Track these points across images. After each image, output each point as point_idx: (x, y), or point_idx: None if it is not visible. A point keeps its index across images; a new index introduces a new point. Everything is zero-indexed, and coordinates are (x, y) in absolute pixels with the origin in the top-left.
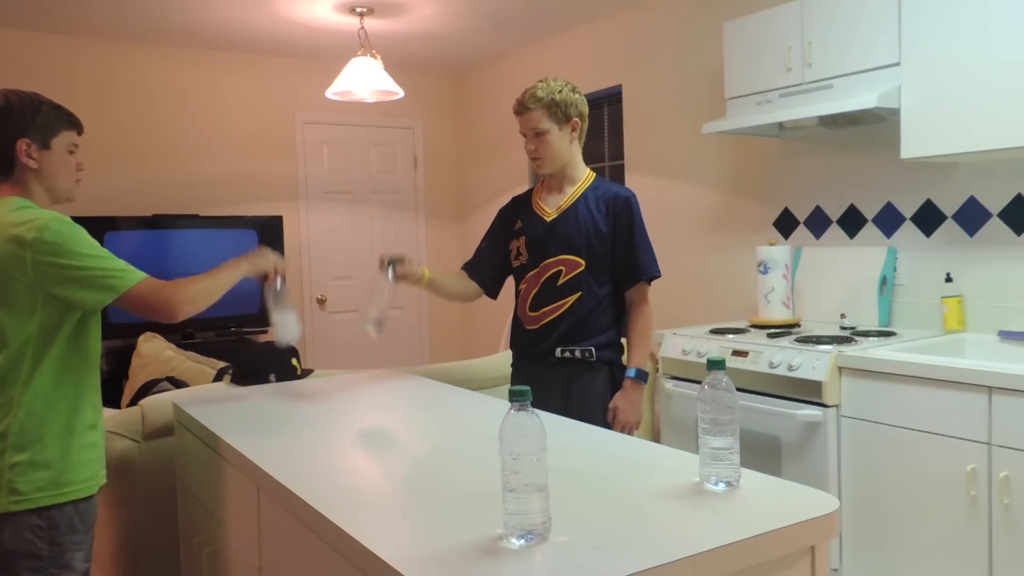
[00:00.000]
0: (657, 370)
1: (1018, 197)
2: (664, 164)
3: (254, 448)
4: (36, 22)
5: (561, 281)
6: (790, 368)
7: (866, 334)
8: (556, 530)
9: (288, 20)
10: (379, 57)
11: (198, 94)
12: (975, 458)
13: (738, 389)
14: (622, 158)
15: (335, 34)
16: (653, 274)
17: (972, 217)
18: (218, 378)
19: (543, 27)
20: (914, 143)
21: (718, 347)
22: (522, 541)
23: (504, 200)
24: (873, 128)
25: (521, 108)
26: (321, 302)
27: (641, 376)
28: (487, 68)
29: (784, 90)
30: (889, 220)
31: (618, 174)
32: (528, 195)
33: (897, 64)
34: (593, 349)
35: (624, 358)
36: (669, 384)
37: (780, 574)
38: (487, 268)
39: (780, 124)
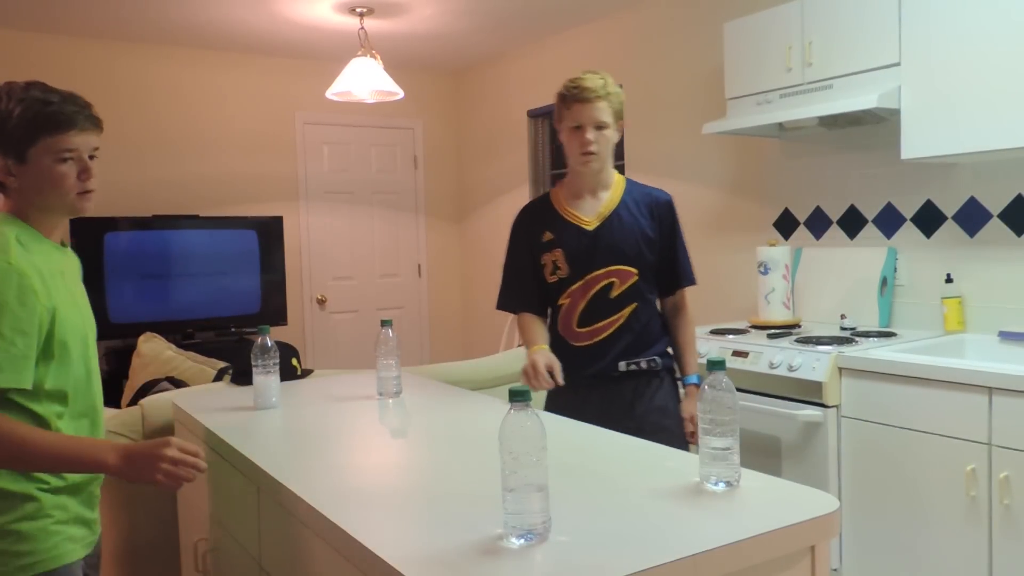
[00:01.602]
0: None
1: (1018, 197)
2: (664, 164)
3: (254, 448)
4: (36, 22)
5: (615, 293)
6: (790, 368)
7: (866, 335)
8: (556, 530)
9: (288, 20)
10: (379, 57)
11: (198, 94)
12: (975, 458)
13: (738, 389)
14: (622, 158)
15: (335, 34)
16: (694, 279)
17: (972, 218)
18: (218, 378)
19: (543, 27)
20: (914, 143)
21: (718, 347)
22: (522, 541)
23: (505, 201)
24: (873, 128)
25: (587, 96)
26: (321, 302)
27: (700, 381)
28: (487, 68)
29: (784, 90)
30: (889, 220)
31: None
32: (545, 203)
33: (897, 64)
34: (658, 358)
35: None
36: None
37: (780, 574)
38: (533, 294)
39: (780, 124)
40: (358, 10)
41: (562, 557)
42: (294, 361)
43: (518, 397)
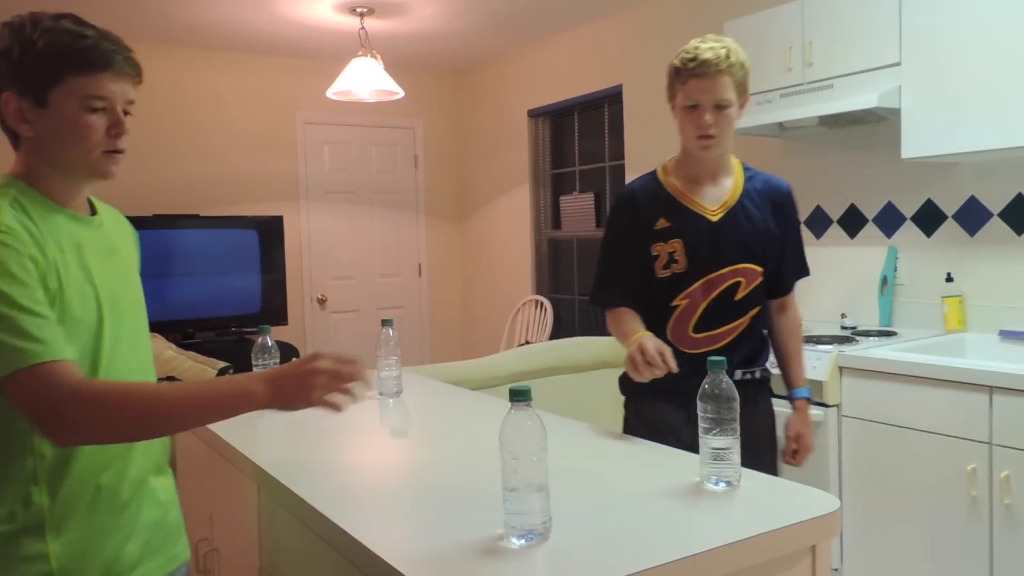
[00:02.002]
0: None
1: (1018, 197)
2: None
3: (255, 448)
4: None
5: (741, 295)
6: None
7: (867, 334)
8: (557, 530)
9: (288, 20)
10: (379, 57)
11: (199, 94)
12: (976, 458)
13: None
14: (622, 158)
15: (335, 34)
16: (808, 270)
17: (973, 217)
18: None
19: (543, 27)
20: (914, 143)
21: None
22: (522, 541)
23: (505, 200)
24: (873, 128)
25: (709, 70)
26: (321, 302)
27: (811, 396)
28: (487, 68)
29: (784, 90)
30: (890, 220)
31: (618, 174)
32: (656, 186)
33: (897, 64)
34: (767, 367)
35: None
36: None
37: (780, 574)
38: (634, 287)
39: (780, 124)
40: (358, 10)
41: (562, 557)
42: (294, 361)
43: (519, 397)
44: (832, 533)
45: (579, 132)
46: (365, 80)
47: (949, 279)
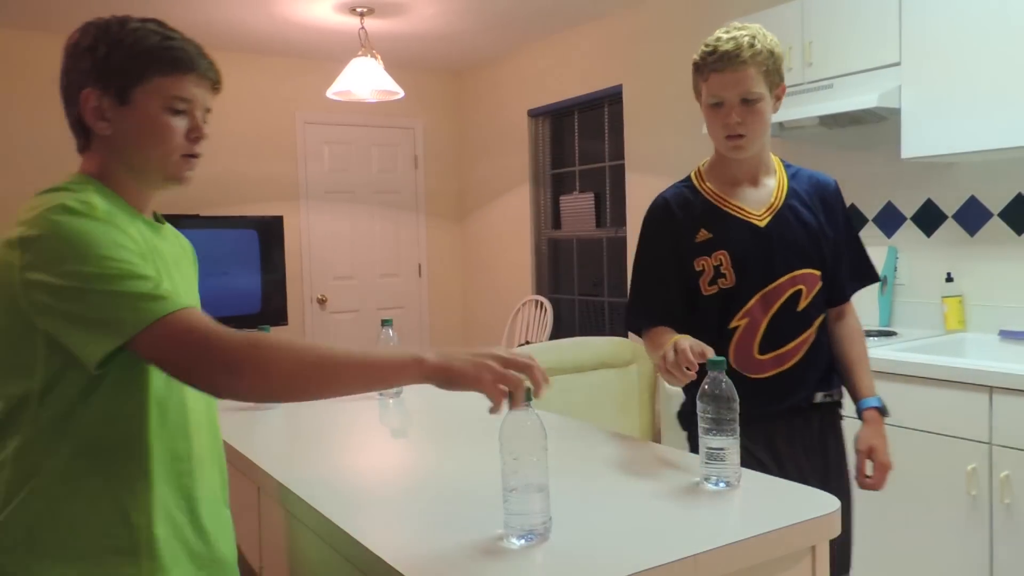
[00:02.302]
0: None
1: (1018, 197)
2: (665, 164)
3: (254, 448)
4: (36, 22)
5: (803, 304)
6: None
7: (867, 334)
8: (556, 530)
9: (288, 20)
10: (379, 57)
11: None
12: (976, 458)
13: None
14: (622, 158)
15: (335, 34)
16: (877, 274)
17: (973, 217)
18: None
19: (543, 27)
20: (914, 143)
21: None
22: (523, 541)
23: (505, 201)
24: (873, 128)
25: (731, 63)
26: (322, 302)
27: (884, 406)
28: (487, 68)
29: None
30: (889, 220)
31: (619, 174)
32: (693, 193)
33: (897, 64)
34: (842, 386)
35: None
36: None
37: (780, 574)
38: (673, 308)
39: (780, 124)
40: (358, 10)
41: (563, 557)
42: None
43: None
44: (832, 533)
45: (579, 132)
46: (365, 80)
47: (949, 279)
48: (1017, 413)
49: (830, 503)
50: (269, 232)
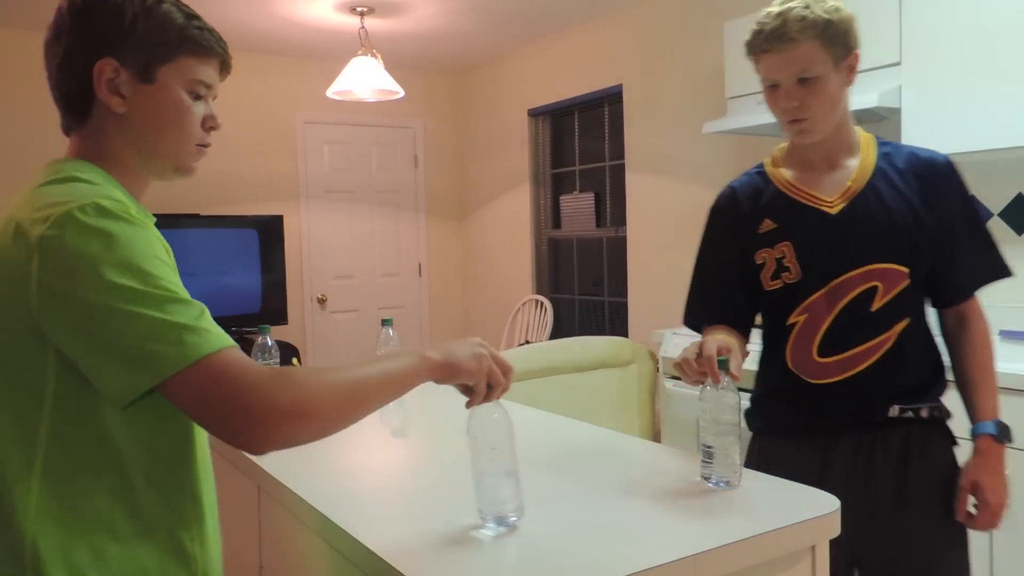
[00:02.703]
0: (658, 370)
1: (1019, 197)
2: (665, 163)
3: None
4: (36, 22)
5: (878, 304)
6: None
7: None
8: (556, 530)
9: (288, 20)
10: (379, 57)
11: None
12: None
13: (739, 389)
14: (623, 157)
15: (335, 34)
16: (1007, 268)
17: None
18: None
19: (543, 26)
20: (914, 142)
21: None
22: (497, 527)
23: (506, 200)
24: (873, 127)
25: (779, 41)
26: (322, 301)
27: (1003, 433)
28: (488, 68)
29: None
30: None
31: (619, 173)
32: (762, 180)
33: (898, 64)
34: (942, 404)
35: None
36: (669, 384)
37: (780, 574)
38: (733, 305)
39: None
40: (358, 9)
41: (562, 557)
42: (295, 361)
43: None
44: (832, 533)
45: (579, 131)
46: (365, 79)
47: None
48: (1017, 413)
49: (830, 503)
50: (269, 232)
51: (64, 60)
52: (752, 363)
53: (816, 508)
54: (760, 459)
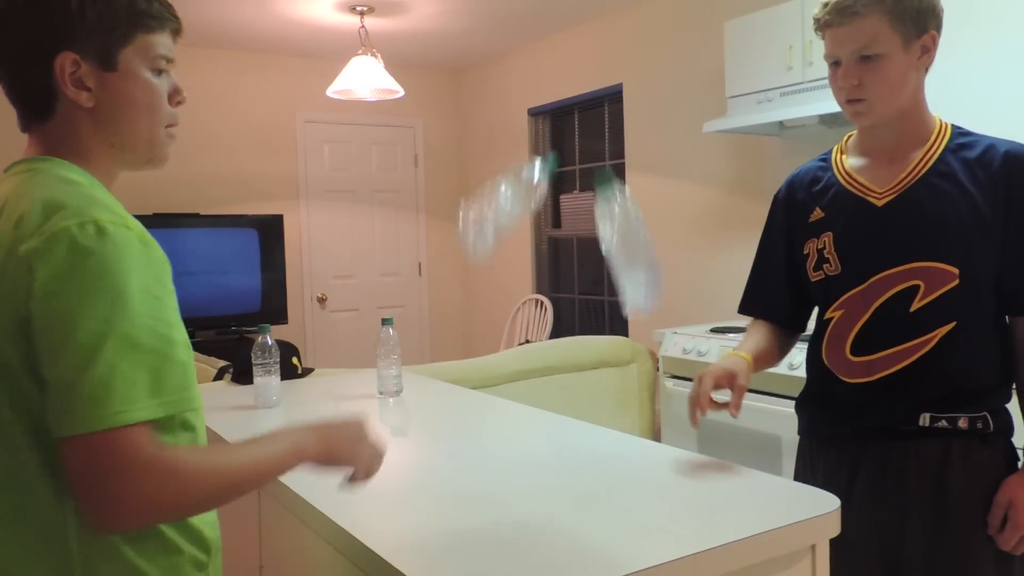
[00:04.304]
0: (658, 369)
1: None
2: (665, 163)
3: None
4: None
5: (918, 305)
6: (791, 367)
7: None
8: (556, 529)
9: (288, 19)
10: (379, 56)
11: (198, 92)
12: None
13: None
14: (623, 157)
15: (335, 33)
16: None
17: None
18: (218, 377)
19: (544, 26)
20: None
21: (719, 346)
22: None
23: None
24: None
25: (843, 14)
26: (322, 301)
27: None
28: (488, 67)
29: (785, 89)
30: None
31: (619, 173)
32: (824, 166)
33: None
34: (988, 416)
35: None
36: (670, 383)
37: (780, 574)
38: (781, 298)
39: (781, 123)
40: (358, 9)
41: (562, 556)
42: (295, 360)
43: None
44: (832, 532)
45: (579, 131)
46: (365, 79)
47: None
48: (1017, 413)
49: (830, 502)
50: (269, 231)
51: (16, 58)
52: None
53: (816, 507)
54: (799, 459)
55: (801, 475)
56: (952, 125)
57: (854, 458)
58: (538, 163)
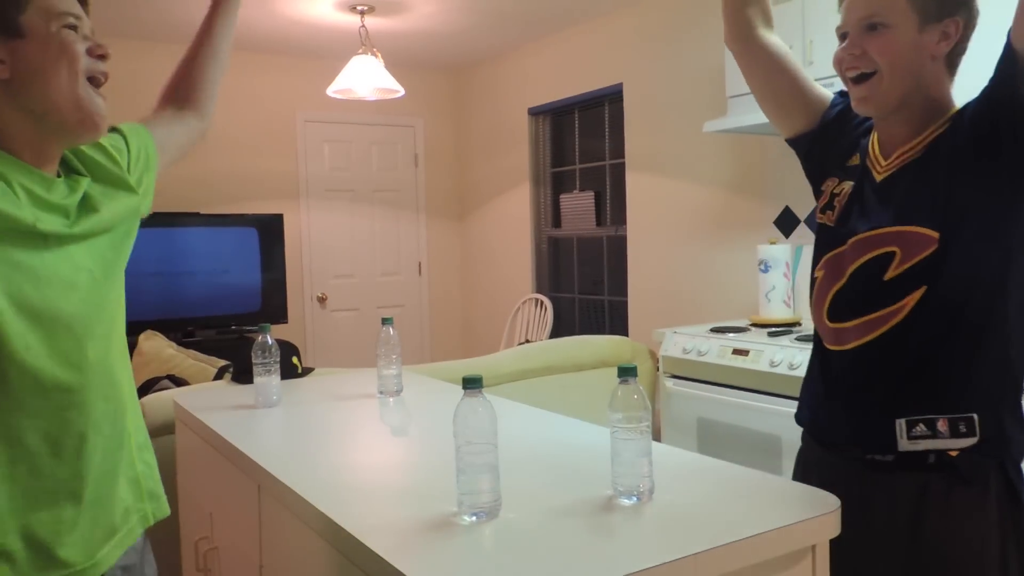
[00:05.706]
0: (658, 369)
1: None
2: (665, 163)
3: (254, 446)
4: None
5: (893, 273)
6: (791, 367)
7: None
8: (555, 529)
9: (289, 18)
10: (380, 55)
11: None
12: None
13: (739, 388)
14: (623, 156)
15: (336, 32)
16: None
17: None
18: (219, 376)
19: (544, 25)
20: None
21: (719, 346)
22: (473, 518)
23: (506, 199)
24: None
25: None
26: (322, 300)
27: None
28: (488, 66)
29: None
30: None
31: (619, 172)
32: (865, 127)
33: None
34: (976, 419)
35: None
36: (669, 383)
37: (780, 574)
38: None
39: None
40: (359, 8)
41: (562, 555)
42: (295, 359)
43: (470, 384)
44: (832, 532)
45: (579, 130)
46: (365, 78)
47: None
48: None
49: (830, 503)
50: (269, 230)
51: None
52: None
53: (816, 508)
54: (799, 464)
55: (800, 468)
56: (958, 106)
57: (837, 473)
58: None
